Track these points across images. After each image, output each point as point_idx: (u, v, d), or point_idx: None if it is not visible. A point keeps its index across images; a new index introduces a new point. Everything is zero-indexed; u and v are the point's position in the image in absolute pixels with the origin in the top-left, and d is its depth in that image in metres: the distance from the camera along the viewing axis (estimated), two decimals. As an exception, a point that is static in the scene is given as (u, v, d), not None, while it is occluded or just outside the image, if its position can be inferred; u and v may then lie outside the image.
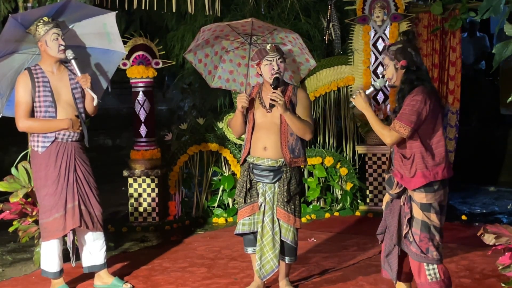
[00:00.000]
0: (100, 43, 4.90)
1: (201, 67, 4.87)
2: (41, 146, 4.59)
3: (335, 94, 7.35)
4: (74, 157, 4.66)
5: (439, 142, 3.84)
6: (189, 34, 8.32)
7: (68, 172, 4.62)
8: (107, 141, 11.10)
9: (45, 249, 4.69)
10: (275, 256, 4.45)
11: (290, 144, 4.44)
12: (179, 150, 6.93)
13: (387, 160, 4.05)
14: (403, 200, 3.91)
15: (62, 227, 4.60)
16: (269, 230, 4.46)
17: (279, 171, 4.46)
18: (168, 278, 5.11)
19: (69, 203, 4.61)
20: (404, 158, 3.85)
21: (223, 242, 6.06)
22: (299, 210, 4.54)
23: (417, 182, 3.80)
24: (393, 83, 3.95)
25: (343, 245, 5.85)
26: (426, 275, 3.86)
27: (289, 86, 4.54)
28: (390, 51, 3.92)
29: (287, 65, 4.68)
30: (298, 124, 4.39)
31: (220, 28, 4.63)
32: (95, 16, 4.83)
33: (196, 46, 4.74)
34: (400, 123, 3.78)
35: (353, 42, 7.18)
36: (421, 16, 7.17)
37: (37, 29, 4.53)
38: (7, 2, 5.78)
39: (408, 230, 3.87)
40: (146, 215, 6.74)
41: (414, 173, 3.80)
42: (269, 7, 7.92)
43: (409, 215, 3.85)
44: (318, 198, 7.07)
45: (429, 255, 3.84)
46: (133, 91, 6.76)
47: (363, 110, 4.00)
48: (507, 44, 3.48)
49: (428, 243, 3.83)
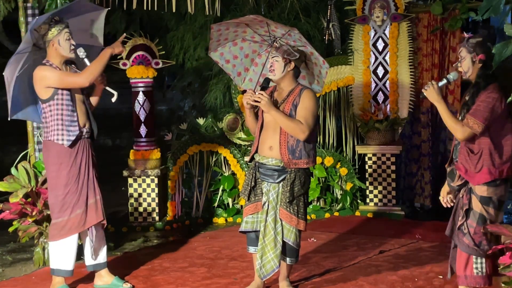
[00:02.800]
0: (83, 38, 4.88)
1: (229, 68, 4.87)
2: (66, 139, 4.58)
3: (335, 94, 7.35)
4: (90, 153, 4.72)
5: (507, 140, 3.83)
6: (189, 34, 8.34)
7: (88, 168, 4.68)
8: (107, 141, 11.11)
9: (62, 247, 4.66)
10: (276, 256, 4.44)
11: (290, 145, 4.41)
12: (179, 150, 6.92)
13: (450, 153, 4.00)
14: (462, 192, 3.91)
15: (82, 222, 4.64)
16: (271, 230, 4.45)
17: (283, 171, 4.44)
18: (168, 278, 5.11)
19: (90, 199, 4.67)
20: (471, 153, 3.84)
21: (223, 242, 6.05)
22: (303, 212, 4.49)
23: (482, 178, 3.81)
24: (468, 76, 3.91)
25: (343, 245, 5.84)
26: (473, 268, 3.88)
27: (298, 87, 4.48)
28: (469, 44, 3.86)
29: (309, 70, 4.64)
30: (286, 123, 4.34)
31: (242, 29, 4.66)
32: (86, 13, 4.85)
33: (223, 46, 4.77)
34: (474, 119, 3.77)
35: (353, 42, 7.18)
36: (421, 16, 7.17)
37: (50, 28, 4.53)
38: (7, 2, 5.78)
39: (463, 221, 3.87)
40: (146, 215, 6.74)
41: (480, 168, 3.80)
42: (269, 7, 7.93)
43: (467, 206, 3.86)
44: (318, 198, 7.07)
45: (481, 248, 3.84)
46: (133, 91, 6.76)
47: (435, 102, 3.91)
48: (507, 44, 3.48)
49: (482, 237, 3.84)
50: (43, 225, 5.25)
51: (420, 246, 5.73)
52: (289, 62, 4.45)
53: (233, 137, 6.94)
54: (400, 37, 7.01)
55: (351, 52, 7.17)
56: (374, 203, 6.98)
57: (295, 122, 4.35)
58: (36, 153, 5.61)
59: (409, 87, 7.03)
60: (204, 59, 8.35)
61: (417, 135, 7.29)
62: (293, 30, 4.49)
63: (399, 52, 7.02)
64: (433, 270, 5.04)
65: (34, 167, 5.37)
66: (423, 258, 5.37)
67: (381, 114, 6.94)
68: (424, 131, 7.24)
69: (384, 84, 7.09)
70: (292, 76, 4.49)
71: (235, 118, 6.93)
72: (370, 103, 7.11)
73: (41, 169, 5.30)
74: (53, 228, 4.67)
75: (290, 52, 4.44)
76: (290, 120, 4.35)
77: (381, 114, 6.94)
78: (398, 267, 5.14)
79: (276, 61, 4.43)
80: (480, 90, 3.83)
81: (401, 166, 7.31)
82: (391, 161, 6.91)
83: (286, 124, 4.35)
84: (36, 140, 5.59)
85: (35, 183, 5.25)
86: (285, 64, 4.44)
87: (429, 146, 7.22)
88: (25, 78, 4.64)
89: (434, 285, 4.74)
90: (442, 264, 5.11)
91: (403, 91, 7.04)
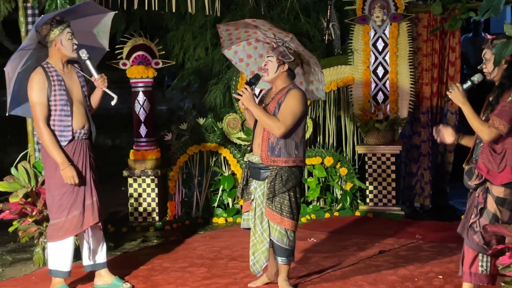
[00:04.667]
0: (88, 40, 4.88)
1: (243, 67, 4.94)
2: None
3: (335, 94, 7.34)
4: (88, 154, 4.69)
5: None
6: (189, 34, 8.32)
7: (85, 169, 4.66)
8: (107, 141, 11.10)
9: (59, 248, 4.66)
10: (262, 252, 4.52)
11: (271, 142, 4.45)
12: (179, 150, 6.92)
13: (470, 152, 4.00)
14: (479, 191, 3.92)
15: (80, 224, 4.62)
16: (256, 226, 4.53)
17: (266, 168, 4.48)
18: (168, 278, 5.11)
19: (87, 200, 4.65)
20: (494, 153, 3.84)
21: (223, 242, 6.05)
22: (289, 210, 4.48)
23: (505, 177, 3.81)
24: (493, 77, 3.91)
25: (343, 245, 5.84)
26: (478, 266, 3.90)
27: (288, 87, 4.51)
28: (493, 45, 3.83)
29: (306, 74, 4.73)
30: (262, 118, 4.39)
31: (253, 30, 4.72)
32: (92, 15, 4.84)
33: (237, 45, 4.84)
34: (499, 120, 3.77)
35: (353, 42, 7.18)
36: (421, 16, 7.17)
37: (52, 28, 4.52)
38: (7, 2, 5.78)
39: (476, 219, 3.89)
40: (146, 215, 6.73)
41: (503, 168, 3.81)
42: (269, 7, 7.92)
43: (482, 205, 3.87)
44: (318, 198, 7.07)
45: (490, 247, 3.85)
46: (133, 91, 6.76)
47: (460, 104, 3.91)
48: (507, 44, 3.48)
49: (492, 236, 3.85)
50: (43, 225, 5.25)
51: (420, 246, 5.73)
52: (283, 64, 4.48)
53: (233, 137, 6.94)
54: (400, 37, 7.01)
55: (351, 52, 7.17)
56: (374, 203, 6.98)
57: (271, 119, 4.39)
58: (36, 153, 5.61)
59: (409, 87, 7.03)
60: (204, 59, 8.35)
61: (417, 135, 7.28)
62: (290, 36, 4.58)
63: (399, 52, 7.02)
64: (433, 270, 5.04)
65: (34, 167, 5.37)
66: (423, 258, 5.37)
67: (381, 114, 6.94)
68: (424, 131, 7.24)
69: (384, 84, 7.09)
70: (285, 77, 4.52)
71: (235, 118, 6.93)
72: (370, 103, 7.10)
73: (41, 169, 5.30)
74: (51, 229, 4.67)
75: (285, 54, 4.48)
76: (266, 116, 4.39)
77: (381, 114, 6.94)
78: (398, 267, 5.14)
79: (270, 61, 4.48)
80: (505, 90, 3.84)
81: (401, 166, 7.31)
82: (391, 161, 6.91)
83: (262, 120, 4.41)
84: (36, 140, 5.59)
85: (35, 183, 5.25)
86: (278, 65, 4.47)
87: (429, 146, 7.22)
88: (27, 75, 4.61)
89: (434, 285, 4.74)
90: (442, 264, 5.11)
91: (403, 91, 7.03)
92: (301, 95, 4.46)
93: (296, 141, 4.47)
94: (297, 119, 4.43)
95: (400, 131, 7.12)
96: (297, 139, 4.48)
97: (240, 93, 4.42)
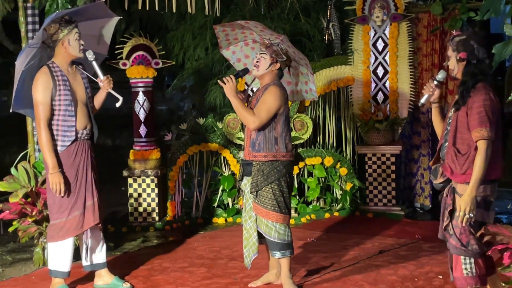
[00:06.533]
0: (90, 44, 4.87)
1: (240, 67, 4.99)
2: (61, 145, 4.57)
3: (335, 94, 7.35)
4: (89, 155, 4.70)
5: (496, 141, 3.73)
6: (189, 34, 8.33)
7: (86, 170, 4.66)
8: (107, 141, 11.11)
9: (59, 248, 4.65)
10: (251, 246, 4.65)
11: (252, 137, 4.55)
12: (179, 150, 6.93)
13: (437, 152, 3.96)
14: (446, 191, 3.87)
15: (80, 224, 4.63)
16: (246, 221, 4.68)
17: (251, 164, 4.59)
18: (168, 278, 5.11)
19: (88, 201, 4.65)
20: (458, 153, 3.78)
21: (223, 242, 6.06)
22: (273, 203, 4.53)
23: (468, 177, 3.72)
24: (455, 75, 3.89)
25: (343, 245, 5.84)
26: (462, 269, 3.79)
27: (270, 83, 4.56)
28: (453, 42, 3.84)
29: (299, 76, 4.84)
30: (239, 110, 4.48)
31: (249, 31, 4.79)
32: (98, 19, 4.85)
33: (235, 45, 4.92)
34: (485, 129, 3.66)
35: (353, 42, 7.18)
36: (421, 16, 7.17)
37: (60, 27, 4.52)
38: (7, 2, 5.78)
39: (448, 222, 3.81)
40: (146, 215, 6.73)
41: (466, 170, 3.74)
42: (269, 7, 7.92)
43: (450, 207, 3.80)
44: (318, 198, 7.07)
45: (469, 248, 3.77)
46: (133, 91, 6.76)
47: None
48: (507, 44, 3.48)
49: (469, 236, 3.77)
50: (43, 225, 5.25)
51: (420, 246, 5.73)
52: (275, 62, 4.55)
53: (233, 137, 6.95)
54: (400, 37, 7.01)
55: (351, 52, 7.18)
56: (374, 203, 6.98)
57: (247, 112, 4.48)
58: (36, 153, 5.61)
59: (409, 87, 7.04)
60: (204, 59, 8.35)
61: (417, 135, 7.29)
62: (282, 37, 4.68)
63: (399, 52, 7.02)
64: (433, 270, 5.04)
65: (34, 167, 5.37)
66: (423, 258, 5.37)
67: (381, 114, 6.94)
68: (424, 131, 7.24)
69: (384, 84, 7.09)
70: (274, 75, 4.59)
71: (235, 118, 6.93)
72: (370, 103, 7.11)
73: (41, 169, 5.30)
74: (51, 229, 4.66)
75: (278, 53, 4.55)
76: (243, 109, 4.48)
77: (381, 114, 6.94)
78: (398, 267, 5.14)
79: (263, 57, 4.56)
80: (468, 88, 3.77)
81: (401, 166, 7.32)
82: (391, 161, 6.91)
83: (239, 112, 4.51)
84: (36, 140, 5.59)
85: (35, 183, 5.25)
86: (271, 62, 4.54)
87: (429, 146, 7.22)
88: (30, 74, 4.61)
89: (434, 285, 4.74)
90: (442, 264, 5.11)
91: (403, 91, 7.04)
92: (278, 91, 4.51)
93: (275, 136, 4.54)
94: (272, 113, 4.48)
95: (400, 131, 7.13)
96: (276, 134, 4.54)
97: (224, 81, 4.49)
